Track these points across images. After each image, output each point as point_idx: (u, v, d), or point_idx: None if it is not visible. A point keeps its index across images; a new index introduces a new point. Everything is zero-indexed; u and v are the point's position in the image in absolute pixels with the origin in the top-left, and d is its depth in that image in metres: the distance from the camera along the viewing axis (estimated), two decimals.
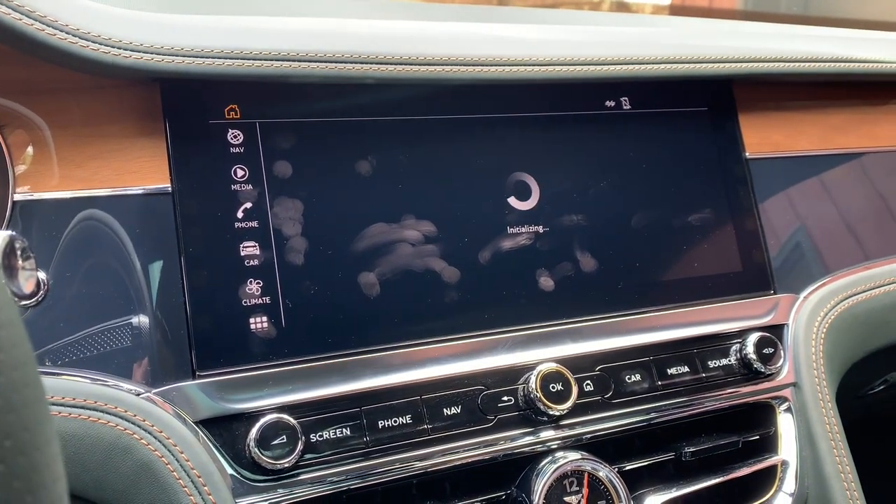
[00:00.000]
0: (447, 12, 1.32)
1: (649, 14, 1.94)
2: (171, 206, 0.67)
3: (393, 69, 0.71)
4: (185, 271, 0.66)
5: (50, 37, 0.60)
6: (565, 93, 0.83)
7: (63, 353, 0.63)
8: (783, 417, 0.83)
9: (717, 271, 0.86)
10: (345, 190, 0.73)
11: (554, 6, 2.20)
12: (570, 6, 2.28)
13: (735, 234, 0.88)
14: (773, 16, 2.24)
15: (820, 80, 0.95)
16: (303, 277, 0.70)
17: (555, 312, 0.77)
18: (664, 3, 2.48)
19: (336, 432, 0.66)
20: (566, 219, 0.80)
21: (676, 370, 0.79)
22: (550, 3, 2.22)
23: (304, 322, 0.69)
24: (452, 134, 0.78)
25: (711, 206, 0.87)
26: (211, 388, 0.65)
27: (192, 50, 0.65)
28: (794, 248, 0.91)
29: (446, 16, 1.24)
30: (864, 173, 0.98)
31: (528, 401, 0.72)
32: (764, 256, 0.89)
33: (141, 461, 0.61)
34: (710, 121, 0.90)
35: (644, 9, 2.30)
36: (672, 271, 0.84)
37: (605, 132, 0.85)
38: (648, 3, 2.55)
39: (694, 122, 0.89)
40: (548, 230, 0.79)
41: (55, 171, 0.66)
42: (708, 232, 0.87)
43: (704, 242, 0.86)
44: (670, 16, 2.15)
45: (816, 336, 0.85)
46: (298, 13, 0.90)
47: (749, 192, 0.90)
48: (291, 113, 0.72)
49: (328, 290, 0.70)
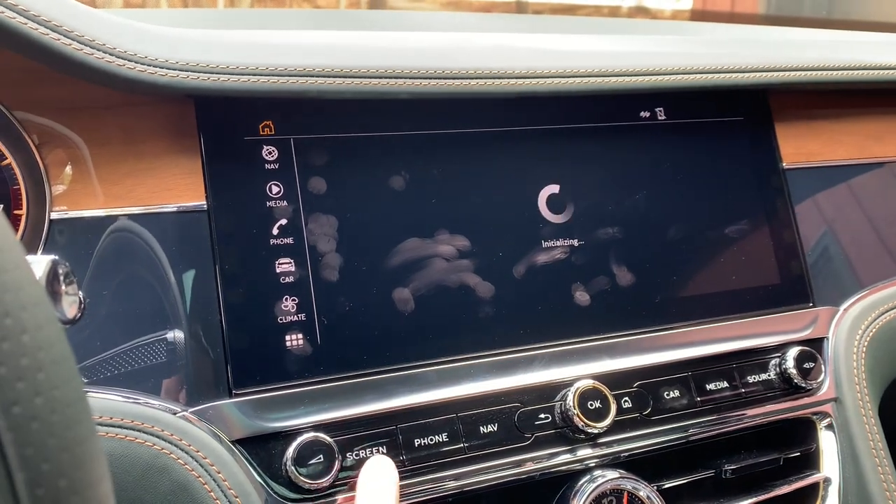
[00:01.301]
0: (472, 21, 1.32)
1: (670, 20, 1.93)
2: (207, 223, 0.67)
3: (427, 83, 0.70)
4: (220, 289, 0.66)
5: (87, 56, 0.59)
6: (599, 104, 0.82)
7: (99, 371, 0.63)
8: (825, 434, 0.81)
9: (755, 284, 0.84)
10: (379, 205, 0.72)
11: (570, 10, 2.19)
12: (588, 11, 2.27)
13: (773, 246, 0.86)
14: (797, 20, 2.22)
15: (855, 87, 0.93)
16: (338, 294, 0.69)
17: (591, 327, 0.76)
18: (685, 8, 2.46)
19: (372, 451, 0.66)
20: (601, 232, 0.79)
21: (715, 385, 0.78)
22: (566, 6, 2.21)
23: (340, 338, 0.68)
24: (485, 147, 0.77)
25: (748, 217, 0.86)
26: (247, 406, 0.64)
27: (227, 67, 0.65)
28: (832, 259, 0.89)
29: (472, 26, 1.24)
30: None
31: (566, 418, 0.71)
32: (802, 268, 0.87)
33: (178, 481, 0.61)
34: (746, 131, 0.89)
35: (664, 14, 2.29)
36: (709, 284, 0.83)
37: (640, 143, 0.83)
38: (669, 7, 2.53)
39: (730, 132, 0.88)
40: (583, 243, 0.78)
41: (91, 189, 0.66)
42: (745, 244, 0.85)
43: (742, 255, 0.85)
44: (694, 21, 2.13)
45: (857, 350, 0.84)
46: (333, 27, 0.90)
47: (786, 202, 0.88)
48: (326, 128, 0.72)
49: (363, 307, 0.70)
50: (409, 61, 0.70)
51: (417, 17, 1.43)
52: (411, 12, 1.68)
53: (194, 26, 0.71)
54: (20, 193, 0.65)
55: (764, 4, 2.45)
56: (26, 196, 0.65)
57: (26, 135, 0.65)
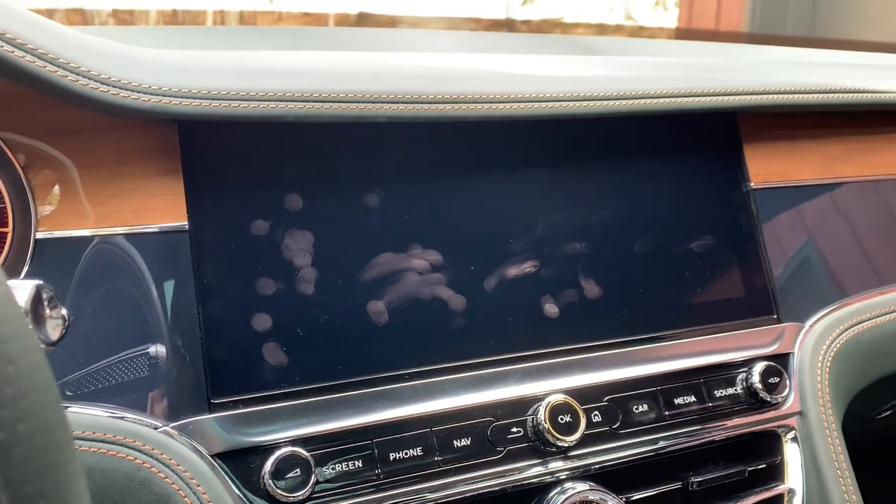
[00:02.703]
0: (456, 41, 1.34)
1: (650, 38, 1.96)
2: (188, 242, 0.69)
3: (404, 108, 0.73)
4: (200, 306, 0.68)
5: (73, 83, 0.61)
6: (569, 125, 0.84)
7: (80, 386, 0.65)
8: (789, 446, 0.83)
9: (723, 300, 0.87)
10: (354, 221, 0.75)
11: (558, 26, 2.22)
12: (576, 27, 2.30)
13: (740, 264, 0.89)
14: (780, 38, 2.26)
15: (825, 110, 0.96)
16: (313, 307, 0.72)
17: (559, 338, 0.79)
18: (670, 26, 2.50)
19: (348, 465, 0.68)
20: (570, 246, 0.82)
21: (683, 400, 0.80)
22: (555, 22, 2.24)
23: (316, 351, 0.71)
24: (457, 166, 0.80)
25: (716, 236, 0.89)
26: (227, 421, 0.66)
27: (209, 92, 0.67)
28: (798, 276, 0.92)
29: (456, 45, 1.26)
30: (866, 202, 0.99)
31: (537, 432, 0.73)
32: (768, 286, 0.90)
33: (159, 494, 0.63)
34: (714, 151, 0.91)
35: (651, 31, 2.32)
36: (676, 300, 0.85)
37: (609, 161, 0.86)
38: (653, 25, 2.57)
39: (699, 151, 0.91)
40: (551, 257, 0.81)
41: (77, 209, 0.67)
42: (714, 262, 0.88)
43: (710, 272, 0.87)
44: (676, 40, 2.17)
45: (822, 364, 0.86)
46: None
47: (754, 221, 0.91)
48: (303, 148, 0.74)
49: (338, 320, 0.72)
50: (386, 85, 0.72)
51: (403, 36, 1.46)
52: (398, 30, 1.70)
53: (183, 44, 0.73)
54: (6, 212, 0.66)
55: (748, 24, 2.49)
56: (12, 214, 0.67)
57: (12, 155, 0.67)
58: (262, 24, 1.72)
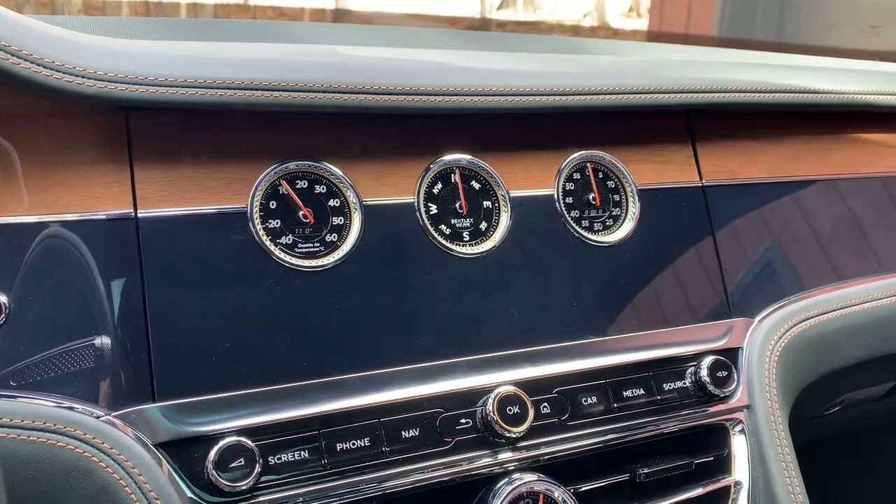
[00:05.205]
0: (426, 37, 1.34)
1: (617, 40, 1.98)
2: (134, 231, 0.68)
3: (352, 98, 0.73)
4: (146, 295, 0.67)
5: (13, 66, 0.61)
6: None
7: (23, 376, 0.64)
8: (737, 439, 0.85)
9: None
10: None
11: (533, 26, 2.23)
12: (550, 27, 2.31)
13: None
14: (748, 43, 2.29)
15: (775, 109, 0.97)
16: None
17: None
18: (641, 29, 2.53)
19: (294, 455, 0.67)
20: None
21: (632, 392, 0.81)
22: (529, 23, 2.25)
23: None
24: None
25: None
26: (171, 411, 0.66)
27: (156, 79, 0.66)
28: (749, 273, 0.93)
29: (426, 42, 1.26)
30: (816, 201, 1.01)
31: (486, 423, 0.73)
32: (720, 281, 0.91)
33: (99, 484, 0.62)
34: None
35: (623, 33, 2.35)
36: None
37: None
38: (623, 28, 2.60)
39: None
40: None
41: (19, 197, 0.67)
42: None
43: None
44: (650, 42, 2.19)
45: (770, 359, 0.88)
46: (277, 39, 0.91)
47: (706, 218, 0.92)
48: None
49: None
50: (336, 76, 0.72)
51: (373, 32, 1.46)
52: (368, 26, 1.70)
53: (151, 36, 0.72)
54: None
55: (717, 28, 2.53)
56: None
57: None
58: (235, 15, 1.71)
